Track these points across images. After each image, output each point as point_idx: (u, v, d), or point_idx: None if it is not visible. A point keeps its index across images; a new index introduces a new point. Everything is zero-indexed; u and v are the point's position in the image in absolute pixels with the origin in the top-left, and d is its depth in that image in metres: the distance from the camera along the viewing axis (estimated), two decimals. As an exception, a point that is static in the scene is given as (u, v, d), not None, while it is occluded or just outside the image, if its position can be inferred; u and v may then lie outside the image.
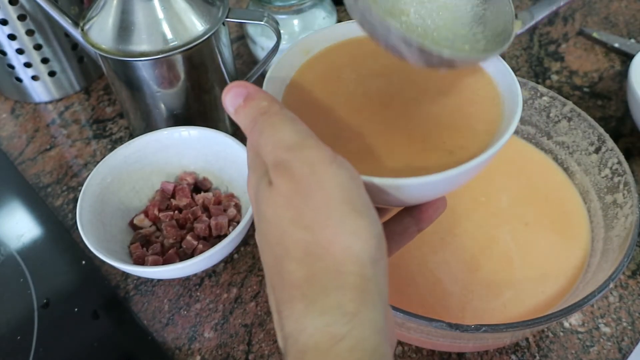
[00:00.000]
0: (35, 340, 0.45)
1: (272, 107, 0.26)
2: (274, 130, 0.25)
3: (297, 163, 0.24)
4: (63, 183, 0.57)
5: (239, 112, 0.27)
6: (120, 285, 0.48)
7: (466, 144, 0.29)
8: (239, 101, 0.27)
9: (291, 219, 0.24)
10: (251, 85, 0.27)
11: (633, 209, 0.39)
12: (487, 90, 0.32)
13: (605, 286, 0.35)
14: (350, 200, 0.23)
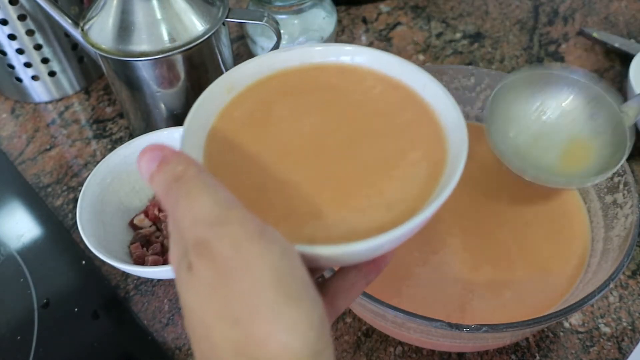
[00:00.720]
0: (35, 340, 0.45)
1: (187, 171, 0.22)
2: (191, 200, 0.21)
3: (218, 242, 0.20)
4: (63, 183, 0.57)
5: (153, 179, 0.23)
6: (120, 285, 0.48)
7: (407, 196, 0.26)
8: (153, 166, 0.23)
9: (217, 312, 0.20)
10: (167, 147, 0.23)
11: (633, 208, 0.39)
12: (431, 125, 0.29)
13: (605, 286, 0.35)
14: (283, 284, 0.20)
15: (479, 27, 0.71)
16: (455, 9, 0.74)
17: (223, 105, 0.30)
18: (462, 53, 0.68)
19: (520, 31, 0.70)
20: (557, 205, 0.45)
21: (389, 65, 0.31)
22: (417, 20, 0.73)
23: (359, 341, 0.43)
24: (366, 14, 0.74)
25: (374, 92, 0.30)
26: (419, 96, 0.30)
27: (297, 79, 0.31)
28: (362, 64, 0.31)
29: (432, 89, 0.29)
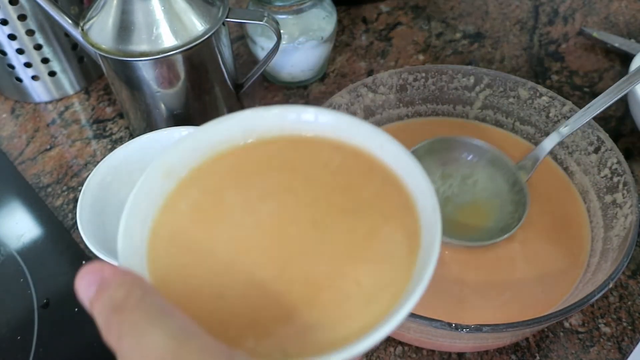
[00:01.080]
0: (36, 340, 0.45)
1: (130, 296, 0.19)
2: (138, 335, 0.18)
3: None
4: (63, 183, 0.57)
5: (92, 307, 0.20)
6: (120, 285, 0.48)
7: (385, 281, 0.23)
8: (92, 292, 0.20)
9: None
10: (107, 266, 0.20)
11: (632, 208, 0.39)
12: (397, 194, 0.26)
13: (605, 286, 0.35)
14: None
15: (479, 27, 0.71)
16: (455, 9, 0.74)
17: (164, 195, 0.26)
18: (462, 53, 0.68)
19: (520, 31, 0.70)
20: (557, 205, 0.45)
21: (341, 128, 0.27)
22: (417, 20, 0.73)
23: (359, 341, 0.43)
24: (366, 14, 0.74)
25: (333, 165, 0.27)
26: (380, 162, 0.27)
27: (246, 158, 0.27)
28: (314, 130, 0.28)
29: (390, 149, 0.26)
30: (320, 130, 0.28)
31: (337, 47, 0.69)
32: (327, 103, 0.46)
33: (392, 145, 0.26)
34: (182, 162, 0.26)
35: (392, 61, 0.67)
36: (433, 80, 0.50)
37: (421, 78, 0.50)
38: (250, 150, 0.27)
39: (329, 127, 0.27)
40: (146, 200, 0.25)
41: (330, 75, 0.66)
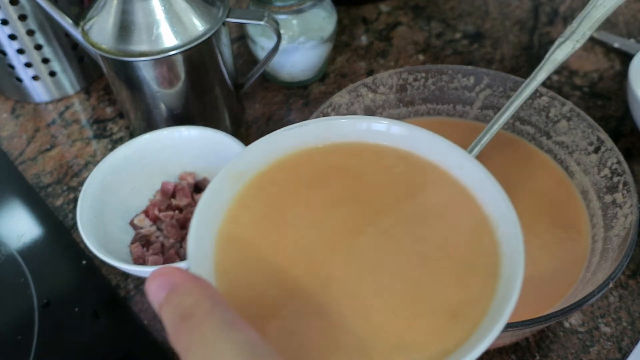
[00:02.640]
0: (36, 340, 0.45)
1: (200, 305, 0.19)
2: (206, 348, 0.18)
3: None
4: (63, 183, 0.57)
5: (162, 311, 0.20)
6: (120, 285, 0.48)
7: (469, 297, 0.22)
8: (162, 295, 0.20)
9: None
10: (178, 271, 0.20)
11: (632, 208, 0.39)
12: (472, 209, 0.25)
13: (604, 286, 0.35)
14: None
15: (479, 27, 0.71)
16: (455, 9, 0.74)
17: (231, 201, 0.25)
18: (462, 53, 0.68)
19: (520, 31, 0.70)
20: (556, 205, 0.45)
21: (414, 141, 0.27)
22: (417, 20, 0.73)
23: (359, 341, 0.43)
24: (366, 14, 0.74)
25: (397, 172, 0.26)
26: (452, 176, 0.26)
27: (312, 165, 0.27)
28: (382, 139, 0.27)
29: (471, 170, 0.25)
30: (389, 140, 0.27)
31: (337, 47, 0.69)
32: (327, 103, 0.46)
33: (474, 166, 0.25)
34: (251, 167, 0.26)
35: (392, 61, 0.67)
36: (433, 80, 0.50)
37: (421, 78, 0.50)
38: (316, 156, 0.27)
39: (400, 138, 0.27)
40: (215, 206, 0.25)
41: (330, 75, 0.66)
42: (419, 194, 0.26)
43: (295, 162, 0.27)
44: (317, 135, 0.28)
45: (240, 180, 0.26)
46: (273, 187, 0.26)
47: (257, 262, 0.23)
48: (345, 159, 0.27)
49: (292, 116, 0.61)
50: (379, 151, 0.27)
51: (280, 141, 0.27)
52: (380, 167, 0.27)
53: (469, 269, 0.23)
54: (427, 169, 0.26)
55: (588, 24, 0.36)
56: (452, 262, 0.23)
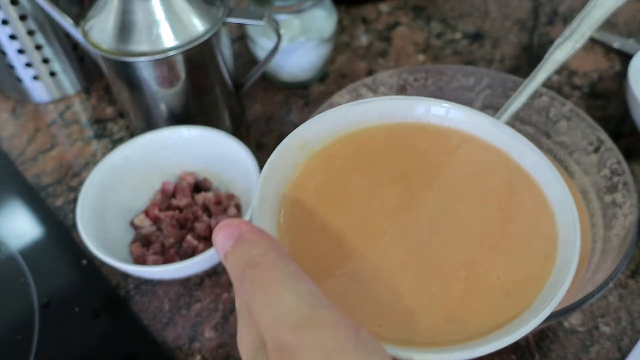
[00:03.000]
0: (36, 340, 0.45)
1: (266, 256, 0.20)
2: (270, 295, 0.19)
3: (306, 350, 0.18)
4: (64, 183, 0.57)
5: (227, 260, 0.21)
6: (120, 285, 0.48)
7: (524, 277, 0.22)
8: (227, 245, 0.21)
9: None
10: (245, 223, 0.21)
11: (632, 208, 0.39)
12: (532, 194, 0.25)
13: (604, 286, 0.35)
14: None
15: (479, 27, 0.71)
16: (455, 9, 0.74)
17: (296, 169, 0.26)
18: (462, 53, 0.68)
19: (520, 31, 0.70)
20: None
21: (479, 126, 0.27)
22: (417, 20, 0.73)
23: (359, 341, 0.43)
24: (366, 14, 0.74)
25: (460, 153, 0.27)
26: (513, 161, 0.26)
27: (375, 141, 0.28)
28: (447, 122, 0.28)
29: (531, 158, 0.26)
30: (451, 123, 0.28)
31: (337, 47, 0.69)
32: (327, 103, 0.46)
33: (534, 155, 0.25)
34: (316, 137, 0.27)
35: (392, 61, 0.67)
36: (433, 80, 0.50)
37: (421, 78, 0.50)
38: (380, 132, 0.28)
39: (461, 123, 0.28)
40: (281, 171, 0.26)
41: (330, 75, 0.66)
42: (482, 175, 0.26)
43: (359, 137, 0.28)
44: (382, 114, 0.28)
45: (304, 148, 0.27)
46: (337, 159, 0.27)
47: (318, 226, 0.24)
48: (409, 137, 0.28)
49: (292, 116, 0.61)
50: (443, 132, 0.28)
51: (345, 115, 0.28)
52: (444, 147, 0.27)
53: (526, 250, 0.23)
54: (491, 152, 0.27)
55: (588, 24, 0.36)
56: (510, 242, 0.23)
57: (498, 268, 0.23)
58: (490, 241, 0.24)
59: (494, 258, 0.23)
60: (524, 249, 0.23)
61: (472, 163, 0.27)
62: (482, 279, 0.22)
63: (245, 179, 0.49)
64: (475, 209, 0.25)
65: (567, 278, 0.21)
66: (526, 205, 0.25)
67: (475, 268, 0.23)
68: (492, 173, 0.26)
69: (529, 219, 0.24)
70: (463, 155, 0.27)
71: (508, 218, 0.24)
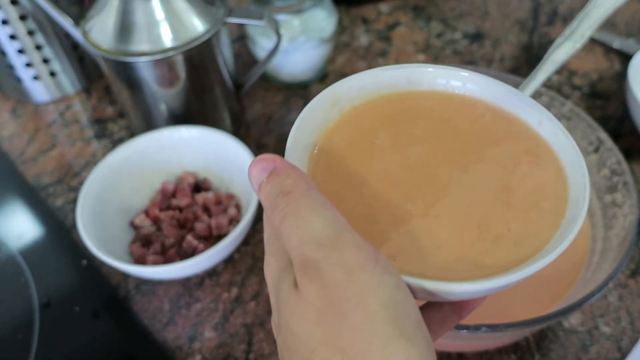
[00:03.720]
0: (36, 340, 0.45)
1: (298, 186, 0.22)
2: (300, 218, 0.21)
3: (330, 266, 0.20)
4: (64, 183, 0.57)
5: (261, 190, 0.23)
6: (120, 285, 0.48)
7: (533, 230, 0.24)
8: (262, 176, 0.23)
9: (322, 338, 0.20)
10: (279, 158, 0.23)
11: (632, 208, 0.39)
12: (549, 160, 0.27)
13: (604, 286, 0.35)
14: (397, 321, 0.19)
15: (479, 27, 0.71)
16: (455, 9, 0.74)
17: (326, 123, 0.29)
18: (462, 53, 0.68)
19: (520, 31, 0.70)
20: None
21: (501, 96, 0.29)
22: (417, 20, 0.73)
23: (359, 341, 0.43)
24: (366, 14, 0.74)
25: (483, 121, 0.29)
26: (532, 129, 0.28)
27: (402, 105, 0.30)
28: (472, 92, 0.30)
29: (549, 127, 0.28)
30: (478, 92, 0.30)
31: (337, 47, 0.69)
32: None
33: (551, 123, 0.28)
34: (346, 97, 0.30)
35: (392, 61, 0.67)
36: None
37: (421, 78, 0.50)
38: (407, 98, 0.30)
39: (487, 91, 0.30)
40: (312, 123, 0.28)
41: (330, 75, 0.66)
42: (501, 141, 0.28)
43: (387, 101, 0.30)
44: (409, 80, 0.30)
45: (335, 106, 0.29)
46: (365, 118, 0.29)
47: (342, 173, 0.27)
48: (435, 104, 0.30)
49: (292, 116, 0.61)
50: (467, 101, 0.30)
51: (374, 79, 0.30)
52: (467, 115, 0.29)
53: (538, 208, 0.25)
54: (511, 122, 0.29)
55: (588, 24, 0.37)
56: (523, 201, 0.26)
57: (510, 221, 0.25)
58: (505, 199, 0.26)
59: (506, 213, 0.25)
60: (536, 206, 0.25)
61: (493, 130, 0.29)
62: (494, 229, 0.24)
63: (245, 179, 0.49)
64: (492, 171, 0.27)
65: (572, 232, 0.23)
66: (541, 169, 0.27)
67: (487, 219, 0.25)
68: (511, 140, 0.28)
69: (543, 181, 0.26)
70: (485, 123, 0.29)
71: (523, 180, 0.27)
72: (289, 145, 0.26)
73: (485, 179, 0.27)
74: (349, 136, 0.28)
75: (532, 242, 0.24)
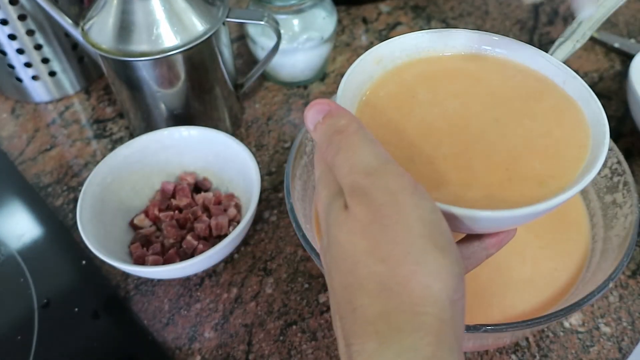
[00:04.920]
0: (36, 340, 0.45)
1: (350, 125, 0.25)
2: (351, 151, 0.24)
3: (376, 190, 0.23)
4: (63, 183, 0.57)
5: (316, 129, 0.26)
6: (120, 285, 0.48)
7: (557, 173, 0.27)
8: (318, 118, 0.26)
9: (366, 249, 0.22)
10: (333, 102, 0.26)
11: (632, 208, 0.39)
12: (573, 113, 0.30)
13: (605, 286, 0.35)
14: (432, 236, 0.22)
15: (479, 27, 0.71)
16: (455, 9, 0.74)
17: (372, 78, 0.32)
18: (462, 53, 0.68)
19: (520, 31, 0.70)
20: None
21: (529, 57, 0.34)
22: (417, 20, 0.73)
23: (359, 341, 0.43)
24: (366, 14, 0.74)
25: (514, 81, 0.32)
26: (559, 87, 0.32)
27: (440, 65, 0.33)
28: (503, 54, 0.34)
29: (573, 84, 0.31)
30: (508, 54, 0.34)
31: (337, 47, 0.69)
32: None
33: (575, 81, 0.31)
34: (390, 56, 0.33)
35: (392, 61, 0.67)
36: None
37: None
38: (444, 59, 0.33)
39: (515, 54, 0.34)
40: (359, 79, 0.31)
41: (330, 75, 0.66)
42: (531, 98, 0.31)
43: (427, 61, 0.33)
44: (447, 43, 0.34)
45: (379, 63, 0.32)
46: (407, 75, 0.33)
47: (385, 121, 0.30)
48: (470, 64, 0.33)
49: (292, 116, 0.61)
50: (500, 62, 0.34)
51: (415, 42, 0.33)
52: (500, 74, 0.33)
53: (562, 154, 0.28)
54: (540, 81, 0.32)
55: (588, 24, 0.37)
56: (549, 148, 0.29)
57: (535, 165, 0.28)
58: (532, 147, 0.29)
59: (533, 158, 0.28)
60: (560, 153, 0.28)
61: (523, 88, 0.32)
62: (520, 172, 0.27)
63: (246, 179, 0.49)
64: (522, 123, 0.30)
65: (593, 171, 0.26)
66: (566, 122, 0.30)
67: (515, 163, 0.28)
68: (540, 97, 0.31)
69: (568, 131, 0.29)
70: (516, 82, 0.32)
71: (550, 130, 0.29)
72: (339, 94, 0.29)
73: (514, 130, 0.29)
74: (392, 90, 0.32)
75: (555, 183, 0.27)
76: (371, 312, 0.22)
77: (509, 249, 0.43)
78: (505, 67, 0.33)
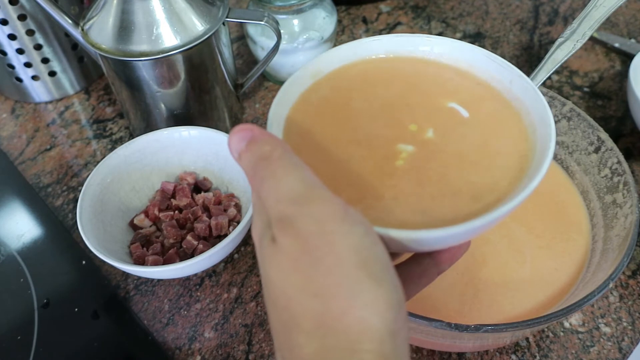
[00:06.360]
0: (36, 340, 0.45)
1: (274, 151, 0.23)
2: (277, 179, 0.22)
3: (303, 219, 0.21)
4: (63, 183, 0.57)
5: (241, 158, 0.25)
6: (120, 285, 0.48)
7: (494, 186, 0.26)
8: (241, 145, 0.25)
9: (298, 285, 0.21)
10: (256, 127, 0.25)
11: (633, 208, 0.39)
12: (515, 120, 0.28)
13: (605, 286, 0.35)
14: (366, 264, 0.21)
15: (479, 27, 0.71)
16: (455, 9, 0.74)
17: (304, 89, 0.31)
18: (462, 53, 0.68)
19: (520, 31, 0.70)
20: (557, 205, 0.45)
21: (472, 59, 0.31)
22: (417, 20, 0.73)
23: (359, 341, 0.43)
24: (366, 14, 0.74)
25: (451, 84, 0.31)
26: (500, 91, 0.30)
27: (378, 69, 0.32)
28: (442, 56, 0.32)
29: (519, 84, 0.29)
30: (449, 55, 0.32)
31: (337, 47, 0.69)
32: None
33: (522, 81, 0.29)
34: (326, 67, 0.32)
35: (392, 61, 0.67)
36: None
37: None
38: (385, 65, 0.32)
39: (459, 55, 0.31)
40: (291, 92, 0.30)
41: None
42: (469, 104, 0.30)
43: (364, 66, 0.32)
44: (387, 49, 0.32)
45: (316, 77, 0.31)
46: (342, 80, 0.31)
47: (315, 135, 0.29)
48: (409, 69, 0.32)
49: (292, 116, 0.61)
50: (439, 66, 0.32)
51: (355, 50, 0.32)
52: (436, 79, 0.31)
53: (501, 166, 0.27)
54: (480, 86, 0.30)
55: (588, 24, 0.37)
56: (487, 159, 0.27)
57: (470, 178, 0.26)
58: (469, 158, 0.27)
59: (469, 170, 0.26)
60: (499, 164, 0.27)
61: (462, 94, 0.30)
62: (453, 185, 0.26)
63: (245, 178, 0.49)
64: (459, 132, 0.28)
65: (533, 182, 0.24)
66: (507, 129, 0.28)
67: (449, 175, 0.26)
68: (479, 103, 0.29)
69: (508, 141, 0.28)
70: (454, 87, 0.30)
71: (489, 140, 0.28)
72: (271, 112, 0.28)
73: (450, 140, 0.28)
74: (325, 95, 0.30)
75: (491, 196, 0.25)
76: (307, 351, 0.21)
77: (509, 249, 0.43)
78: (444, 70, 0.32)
